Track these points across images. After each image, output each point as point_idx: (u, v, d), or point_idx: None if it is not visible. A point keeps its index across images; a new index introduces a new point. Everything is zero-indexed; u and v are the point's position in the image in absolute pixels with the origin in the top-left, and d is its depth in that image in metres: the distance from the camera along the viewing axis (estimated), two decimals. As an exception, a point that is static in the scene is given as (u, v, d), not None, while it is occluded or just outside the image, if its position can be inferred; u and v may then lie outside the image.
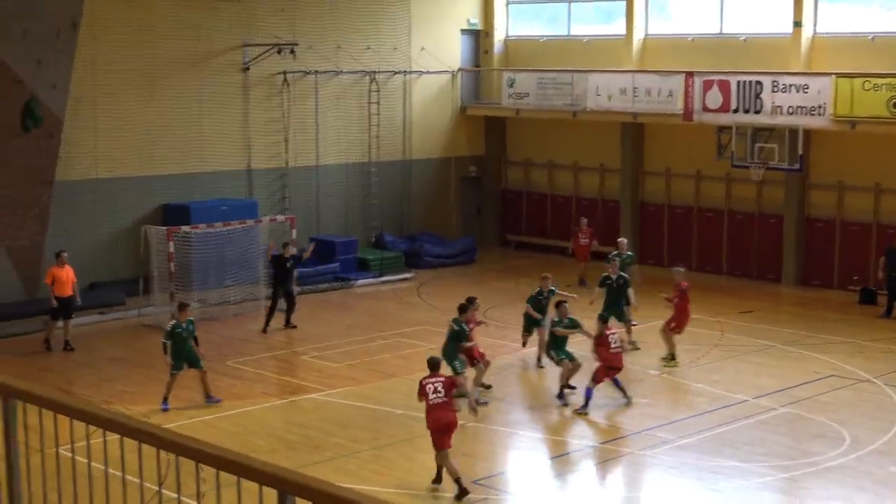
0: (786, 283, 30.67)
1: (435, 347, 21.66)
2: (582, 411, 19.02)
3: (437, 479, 15.72)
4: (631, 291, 23.77)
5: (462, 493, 15.25)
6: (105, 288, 27.34)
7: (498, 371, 21.03)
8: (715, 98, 29.54)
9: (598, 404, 20.13)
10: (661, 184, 33.32)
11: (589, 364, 19.58)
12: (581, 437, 18.31)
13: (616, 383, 19.54)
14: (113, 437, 5.36)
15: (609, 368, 19.30)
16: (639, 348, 22.92)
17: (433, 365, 16.20)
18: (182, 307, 19.68)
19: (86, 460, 5.83)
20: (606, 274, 23.58)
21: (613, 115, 32.38)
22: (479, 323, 20.40)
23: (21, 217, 26.09)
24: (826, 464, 16.81)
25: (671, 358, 22.11)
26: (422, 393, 15.77)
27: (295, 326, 25.35)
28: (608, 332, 19.63)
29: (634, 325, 24.27)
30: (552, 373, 21.08)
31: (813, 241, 30.51)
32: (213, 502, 5.11)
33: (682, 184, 32.87)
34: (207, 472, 4.91)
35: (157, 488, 5.52)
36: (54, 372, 22.08)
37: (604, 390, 19.91)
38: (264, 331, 24.84)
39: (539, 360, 21.79)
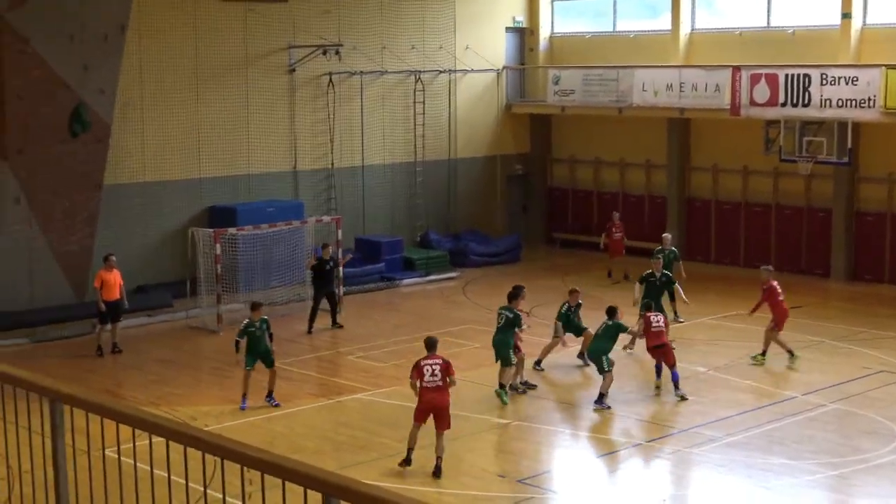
0: (835, 277, 30.38)
1: (480, 346, 21.76)
2: (679, 394, 19.57)
3: (407, 461, 16.23)
4: (679, 288, 23.67)
5: (406, 461, 16.13)
6: (152, 290, 27.58)
7: (543, 368, 20.96)
8: (762, 92, 29.30)
9: (644, 400, 20.03)
10: (708, 179, 33.11)
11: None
12: (627, 436, 18.23)
13: (672, 376, 19.56)
14: (159, 440, 5.41)
15: (654, 348, 19.60)
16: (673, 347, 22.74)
17: (430, 345, 16.39)
18: (255, 306, 19.83)
19: (132, 462, 5.88)
20: (650, 271, 23.47)
21: (660, 111, 32.23)
22: (525, 314, 20.52)
23: (70, 221, 26.38)
24: (876, 461, 16.63)
25: (761, 354, 22.01)
26: (417, 373, 15.91)
27: (341, 326, 25.46)
28: (650, 315, 19.80)
29: (681, 321, 24.14)
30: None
31: (863, 235, 30.20)
32: (259, 502, 5.14)
33: (730, 179, 32.64)
34: (253, 473, 4.95)
35: (202, 489, 5.55)
36: (102, 374, 22.28)
37: (647, 387, 19.85)
38: (309, 332, 24.95)
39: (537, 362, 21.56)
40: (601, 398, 19.16)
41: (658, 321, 20.08)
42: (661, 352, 19.81)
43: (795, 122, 28.52)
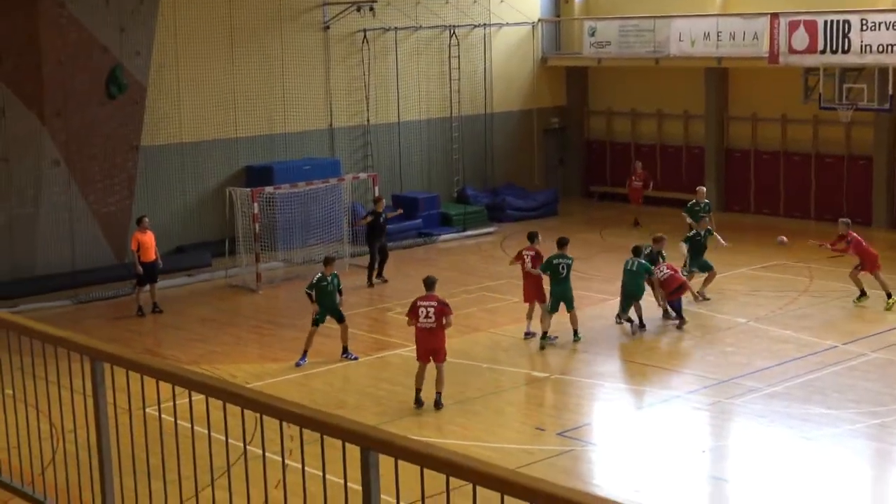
0: (877, 225, 30.10)
1: (518, 300, 21.74)
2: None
3: (418, 402, 16.83)
4: (718, 236, 23.46)
5: (416, 402, 16.75)
6: (192, 250, 27.75)
7: (583, 322, 20.96)
8: (801, 39, 28.93)
9: (683, 352, 20.01)
10: (746, 129, 32.84)
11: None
12: (667, 388, 18.21)
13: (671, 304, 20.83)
14: (199, 398, 5.46)
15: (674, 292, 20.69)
16: (708, 298, 22.67)
17: (428, 284, 16.94)
18: (328, 261, 19.98)
19: (172, 420, 5.94)
20: (696, 231, 23.20)
21: (697, 61, 31.93)
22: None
23: (109, 183, 26.56)
24: (919, 409, 16.54)
25: (862, 295, 22.20)
26: (413, 314, 16.45)
27: (386, 280, 25.69)
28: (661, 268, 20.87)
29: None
30: (647, 326, 21.02)
31: (904, 183, 29.88)
32: (298, 458, 5.18)
33: (769, 128, 32.35)
34: (292, 429, 4.98)
35: (242, 445, 5.60)
36: (143, 334, 22.49)
37: (684, 339, 19.81)
38: (369, 285, 25.27)
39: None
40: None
41: (663, 272, 20.84)
42: (679, 293, 20.70)
43: (835, 68, 28.15)
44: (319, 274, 19.73)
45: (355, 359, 19.67)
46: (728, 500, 14.05)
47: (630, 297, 20.73)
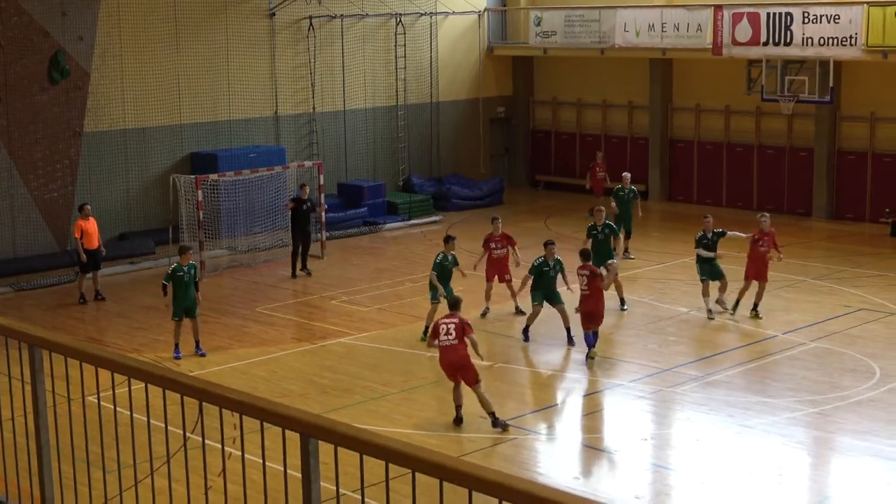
0: (816, 216, 30.51)
1: (464, 289, 21.76)
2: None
3: (457, 420, 15.92)
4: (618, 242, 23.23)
5: (456, 419, 15.95)
6: (135, 237, 27.53)
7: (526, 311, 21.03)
8: (745, 31, 29.21)
9: (625, 341, 20.16)
10: (690, 119, 33.12)
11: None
12: (610, 376, 18.35)
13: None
14: (138, 385, 5.43)
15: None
16: (632, 257, 22.98)
17: (452, 304, 16.48)
18: (183, 250, 19.64)
19: (112, 408, 5.90)
20: (592, 224, 22.54)
21: (642, 52, 32.14)
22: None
23: (51, 169, 26.28)
24: (856, 397, 16.80)
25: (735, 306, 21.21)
26: (433, 334, 16.13)
27: (310, 273, 25.18)
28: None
29: (632, 258, 24.72)
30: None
31: (844, 175, 30.29)
32: (239, 446, 5.17)
33: (712, 119, 32.65)
34: (234, 417, 4.97)
35: (183, 433, 5.58)
36: (86, 322, 22.30)
37: (628, 329, 19.94)
38: (293, 276, 24.95)
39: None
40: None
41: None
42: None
43: (777, 60, 28.48)
44: (175, 264, 19.41)
45: (203, 354, 19.30)
46: (670, 488, 14.19)
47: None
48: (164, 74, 28.52)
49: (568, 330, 19.55)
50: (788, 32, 28.41)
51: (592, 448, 15.40)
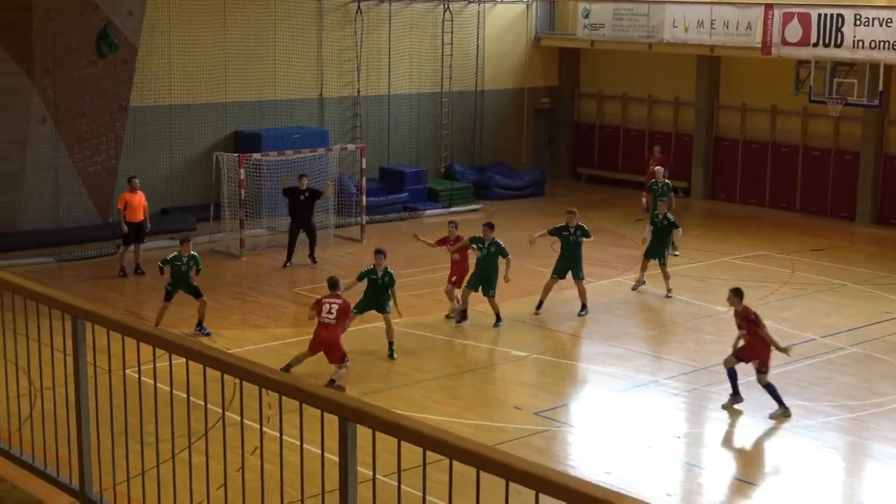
0: (860, 221, 30.23)
1: (501, 279, 21.71)
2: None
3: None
4: (675, 238, 23.23)
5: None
6: (176, 213, 27.68)
7: (563, 304, 21.00)
8: (795, 31, 28.95)
9: (662, 338, 20.08)
10: (736, 118, 32.89)
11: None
12: (645, 372, 18.27)
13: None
14: (178, 361, 5.46)
15: None
16: (644, 282, 22.65)
17: (332, 284, 17.25)
18: (184, 241, 19.74)
19: (152, 382, 5.94)
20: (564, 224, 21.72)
21: (690, 48, 31.91)
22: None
23: (96, 142, 26.45)
24: (893, 404, 16.65)
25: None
26: (317, 307, 16.94)
27: (315, 262, 24.86)
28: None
29: (677, 255, 24.53)
30: (624, 311, 21.08)
31: (890, 179, 29.98)
32: (276, 426, 5.19)
33: (758, 118, 32.41)
34: (272, 396, 5.00)
35: (220, 411, 5.61)
36: (126, 295, 22.45)
37: (666, 325, 19.84)
38: (285, 265, 24.55)
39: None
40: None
41: None
42: None
43: (827, 62, 28.20)
44: (175, 253, 19.54)
45: (208, 334, 19.37)
46: (701, 487, 14.14)
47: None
48: (211, 52, 28.63)
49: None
50: (839, 34, 28.12)
51: (625, 443, 15.35)
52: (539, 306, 20.96)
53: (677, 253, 24.89)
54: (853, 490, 14.42)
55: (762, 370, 16.14)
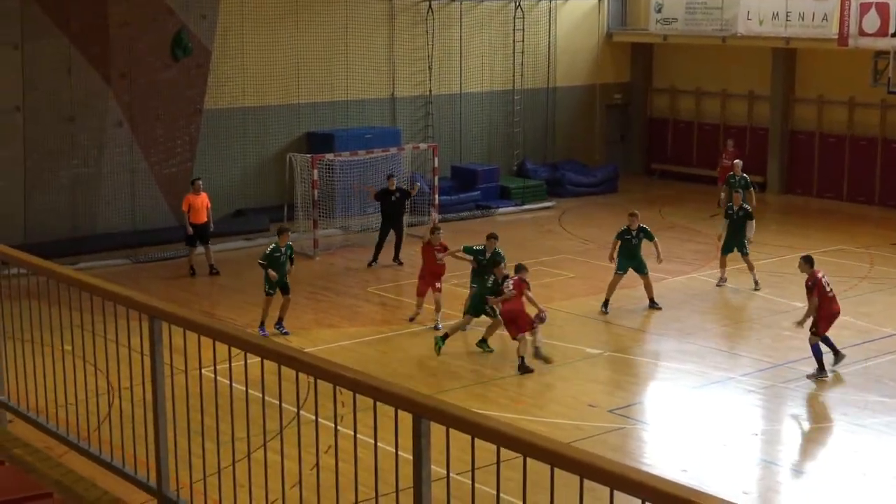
0: (940, 214, 29.67)
1: (574, 276, 21.68)
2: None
3: None
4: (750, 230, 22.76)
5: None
6: (251, 214, 27.92)
7: (640, 301, 20.86)
8: (872, 21, 28.45)
9: (738, 334, 19.86)
10: (812, 111, 32.42)
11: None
12: (722, 369, 18.08)
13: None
14: (254, 360, 5.50)
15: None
16: (725, 279, 22.26)
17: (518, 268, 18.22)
18: (282, 231, 19.96)
19: (227, 381, 5.99)
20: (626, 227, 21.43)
21: (764, 41, 31.54)
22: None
23: (171, 145, 26.80)
24: (978, 401, 16.30)
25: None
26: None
27: (401, 263, 24.74)
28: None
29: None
30: (699, 307, 20.90)
31: (972, 172, 29.39)
32: (350, 424, 5.20)
33: (835, 111, 31.92)
34: (345, 395, 5.00)
35: (295, 409, 5.63)
36: (200, 295, 22.69)
37: (742, 321, 19.62)
38: (370, 264, 24.56)
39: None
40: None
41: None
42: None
43: (905, 53, 27.69)
44: (273, 245, 19.66)
45: (287, 333, 19.43)
46: (778, 485, 13.95)
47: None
48: (284, 53, 28.85)
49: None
50: (918, 23, 27.61)
51: (701, 441, 15.20)
52: (605, 304, 20.77)
53: (747, 248, 24.18)
54: (937, 488, 14.14)
55: (812, 330, 17.19)
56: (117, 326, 6.90)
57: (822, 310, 17.19)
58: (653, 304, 20.84)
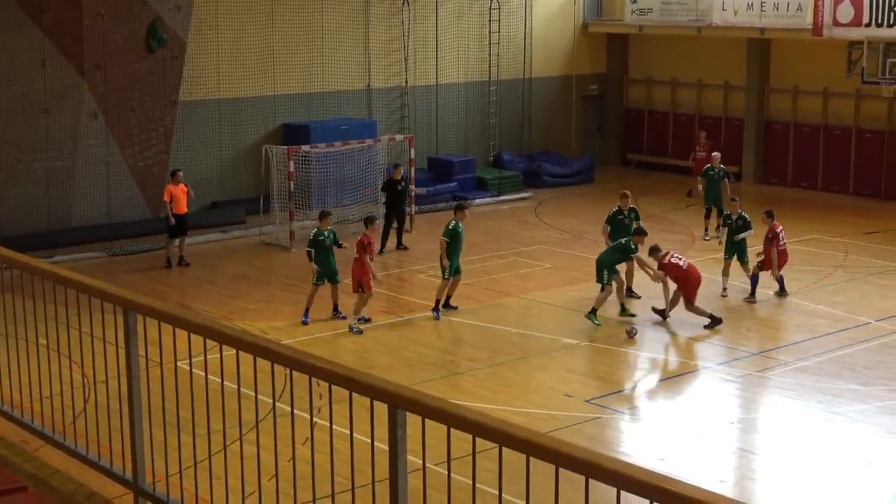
0: (915, 203, 29.84)
1: (552, 266, 21.69)
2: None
3: None
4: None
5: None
6: (227, 206, 27.85)
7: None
8: (846, 11, 28.58)
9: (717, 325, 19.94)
10: (787, 101, 32.54)
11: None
12: (698, 358, 18.17)
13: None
14: (230, 352, 5.49)
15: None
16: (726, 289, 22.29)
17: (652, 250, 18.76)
18: (324, 215, 20.05)
19: (203, 373, 5.97)
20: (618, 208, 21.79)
21: (739, 31, 31.64)
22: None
23: (146, 137, 26.69)
24: (951, 389, 16.42)
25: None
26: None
27: (406, 248, 25.42)
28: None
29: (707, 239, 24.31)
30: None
31: (945, 161, 29.57)
32: (327, 416, 5.20)
33: (810, 101, 32.06)
34: (322, 387, 5.00)
35: (271, 402, 5.63)
36: (176, 288, 22.62)
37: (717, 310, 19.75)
38: (380, 251, 24.92)
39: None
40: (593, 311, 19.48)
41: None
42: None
43: (880, 42, 27.84)
44: (316, 229, 19.79)
45: (344, 317, 19.64)
46: (754, 473, 14.03)
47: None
48: (259, 45, 28.75)
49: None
50: (892, 13, 27.74)
51: (678, 430, 15.26)
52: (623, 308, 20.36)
53: (747, 256, 23.22)
54: (911, 475, 14.25)
55: (758, 265, 20.93)
56: (92, 319, 6.88)
57: (781, 258, 20.86)
58: (630, 293, 20.83)
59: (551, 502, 4.15)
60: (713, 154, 26.91)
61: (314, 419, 5.85)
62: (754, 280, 20.86)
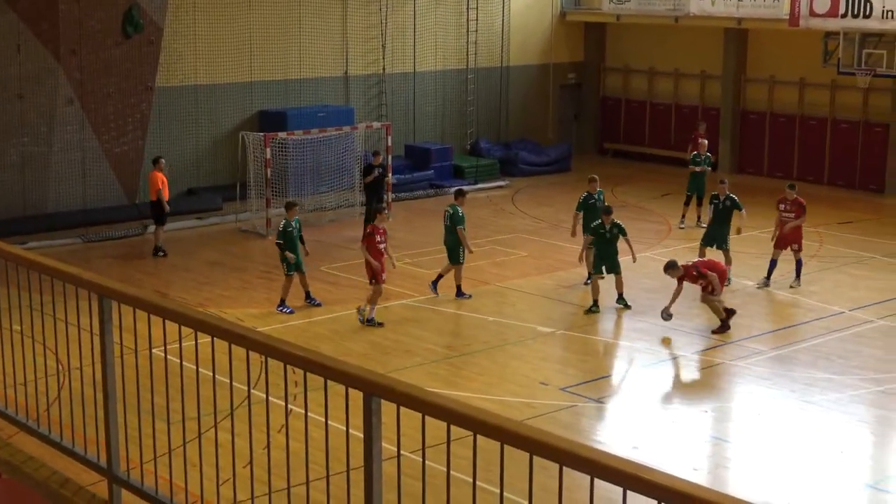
0: (889, 193, 30.02)
1: (528, 255, 21.72)
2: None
3: None
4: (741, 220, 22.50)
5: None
6: (203, 193, 27.77)
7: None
8: (823, 2, 28.69)
9: (689, 312, 20.02)
10: (763, 91, 32.66)
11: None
12: (672, 347, 18.24)
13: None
14: (205, 339, 5.48)
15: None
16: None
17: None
18: (290, 206, 19.98)
19: (178, 360, 5.97)
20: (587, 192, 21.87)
21: (717, 21, 31.72)
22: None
23: (122, 123, 26.56)
24: (923, 378, 16.56)
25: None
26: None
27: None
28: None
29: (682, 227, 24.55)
30: (650, 286, 21.04)
31: (920, 151, 29.73)
32: (302, 403, 5.21)
33: (786, 91, 32.18)
34: (298, 374, 5.01)
35: (246, 389, 5.63)
36: (151, 275, 22.54)
37: (693, 301, 19.85)
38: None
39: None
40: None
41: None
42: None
43: (855, 33, 27.96)
44: (284, 220, 19.74)
45: (319, 304, 19.74)
46: (727, 461, 14.11)
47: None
48: (236, 31, 28.65)
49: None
50: (868, 5, 27.87)
51: (652, 418, 15.33)
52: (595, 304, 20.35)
53: (728, 243, 22.98)
54: (882, 463, 14.37)
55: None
56: (66, 306, 6.84)
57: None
58: (621, 300, 20.44)
59: (525, 490, 4.17)
60: (700, 141, 26.93)
61: (289, 407, 5.85)
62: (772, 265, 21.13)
